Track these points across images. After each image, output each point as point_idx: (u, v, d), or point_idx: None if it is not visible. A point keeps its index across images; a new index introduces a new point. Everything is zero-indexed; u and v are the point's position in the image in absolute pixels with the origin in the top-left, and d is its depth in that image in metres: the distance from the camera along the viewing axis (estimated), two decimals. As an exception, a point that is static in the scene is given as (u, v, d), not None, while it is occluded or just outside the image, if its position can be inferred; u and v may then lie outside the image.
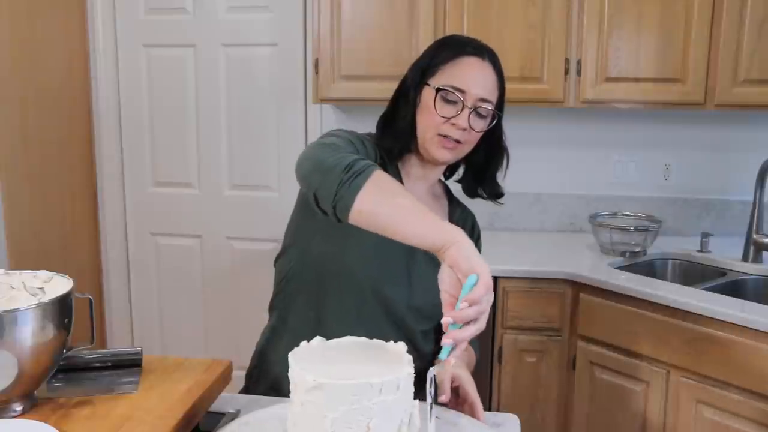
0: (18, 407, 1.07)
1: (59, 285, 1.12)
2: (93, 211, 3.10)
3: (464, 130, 1.32)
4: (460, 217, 1.50)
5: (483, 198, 1.49)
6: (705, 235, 2.47)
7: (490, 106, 1.34)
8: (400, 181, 1.41)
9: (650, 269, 2.46)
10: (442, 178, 1.52)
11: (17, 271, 1.16)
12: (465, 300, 0.97)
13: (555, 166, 2.85)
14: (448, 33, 2.48)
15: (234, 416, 1.21)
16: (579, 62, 2.44)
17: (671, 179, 2.79)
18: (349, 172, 1.10)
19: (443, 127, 1.33)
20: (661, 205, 2.75)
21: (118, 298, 3.18)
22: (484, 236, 1.56)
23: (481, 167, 1.45)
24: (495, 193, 1.48)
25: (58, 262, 2.79)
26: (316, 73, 2.54)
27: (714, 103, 2.38)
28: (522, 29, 2.44)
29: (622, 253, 2.44)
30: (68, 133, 2.92)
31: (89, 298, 1.16)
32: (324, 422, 0.89)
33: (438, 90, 1.33)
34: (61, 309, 1.07)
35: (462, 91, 1.32)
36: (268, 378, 1.44)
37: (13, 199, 2.53)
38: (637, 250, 2.45)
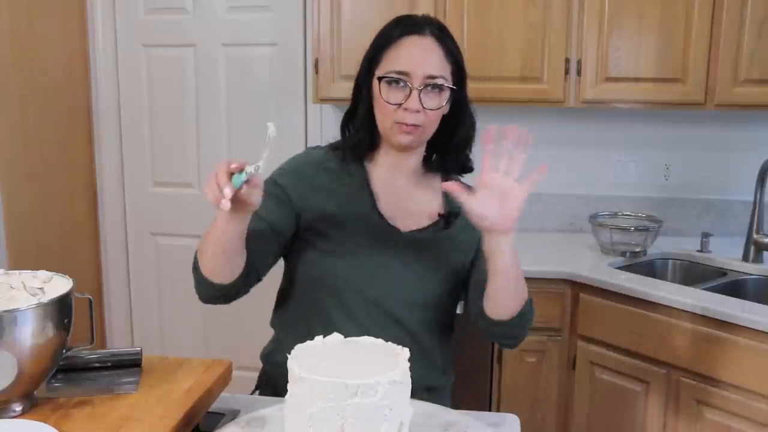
0: (18, 407, 1.07)
1: (59, 285, 1.12)
2: (93, 211, 3.10)
3: (418, 112, 1.29)
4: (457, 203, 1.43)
5: (451, 174, 1.43)
6: (705, 235, 2.47)
7: (441, 81, 1.30)
8: (366, 177, 1.39)
9: (650, 269, 2.45)
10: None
11: (17, 271, 1.16)
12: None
13: (555, 166, 2.84)
14: (448, 33, 2.48)
15: (234, 416, 1.21)
16: (579, 62, 2.44)
17: (671, 179, 2.78)
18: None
19: (397, 115, 1.30)
20: (661, 205, 2.75)
21: (118, 298, 3.18)
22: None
23: (445, 140, 1.40)
24: (462, 167, 1.43)
25: (58, 262, 2.78)
26: (316, 73, 2.54)
27: (714, 103, 2.38)
28: (522, 29, 2.44)
29: (622, 253, 2.44)
30: (68, 133, 2.91)
31: (89, 298, 1.16)
32: (304, 416, 0.91)
33: (381, 79, 1.32)
34: (61, 309, 1.07)
35: (406, 74, 1.30)
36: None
37: (13, 199, 2.52)
38: (637, 250, 2.45)
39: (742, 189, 2.61)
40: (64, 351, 1.11)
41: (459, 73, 1.35)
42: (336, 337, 1.04)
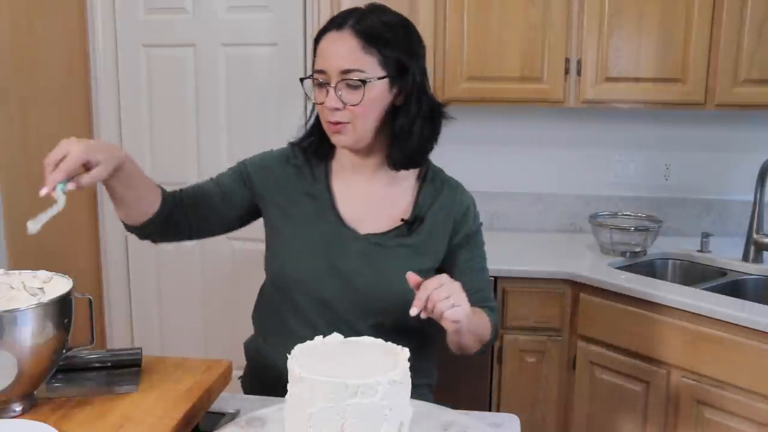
0: (18, 407, 1.07)
1: (59, 285, 1.12)
2: (93, 211, 3.10)
3: (337, 109, 1.27)
4: (430, 195, 1.40)
5: (403, 167, 1.36)
6: (705, 235, 2.47)
7: (358, 75, 1.25)
8: (328, 177, 1.39)
9: (650, 269, 2.45)
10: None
11: (17, 271, 1.16)
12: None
13: (555, 166, 2.85)
14: (448, 33, 2.49)
15: (234, 416, 1.21)
16: (579, 62, 2.44)
17: (671, 179, 2.78)
18: None
19: (325, 114, 1.30)
20: (661, 205, 2.75)
21: (118, 298, 3.17)
22: (484, 236, 1.52)
23: (392, 129, 1.34)
24: (412, 160, 1.35)
25: (58, 262, 2.78)
26: (316, 73, 2.55)
27: (714, 103, 2.38)
28: (522, 29, 2.44)
29: (622, 253, 2.44)
30: (68, 133, 2.88)
31: (89, 299, 1.16)
32: (304, 416, 0.91)
33: (303, 80, 1.33)
34: (61, 309, 1.07)
35: (322, 72, 1.28)
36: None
37: (13, 199, 2.52)
38: (637, 250, 2.45)
39: (742, 189, 2.61)
40: (64, 351, 1.11)
41: (396, 62, 1.28)
42: (336, 337, 1.04)
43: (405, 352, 0.99)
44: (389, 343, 1.03)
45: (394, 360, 0.97)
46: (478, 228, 1.45)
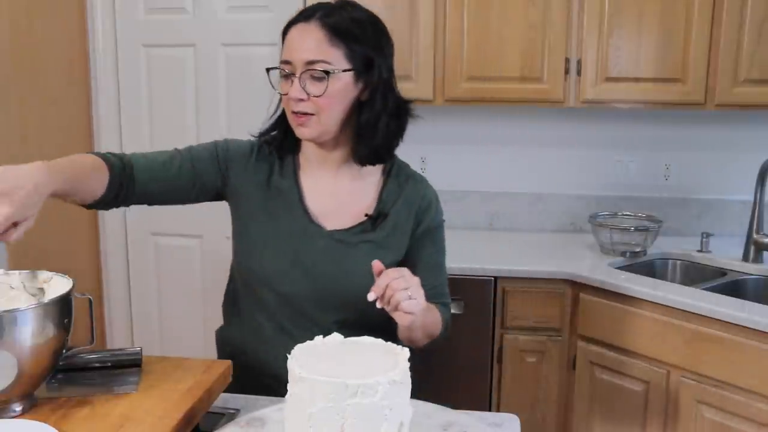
0: (18, 407, 1.07)
1: (59, 285, 1.12)
2: (93, 211, 3.10)
3: (301, 100, 1.28)
4: (395, 191, 1.40)
5: (368, 163, 1.37)
6: (705, 235, 2.47)
7: (323, 66, 1.26)
8: (296, 172, 1.40)
9: (650, 269, 2.45)
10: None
11: (17, 271, 1.16)
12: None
13: (555, 166, 2.85)
14: (449, 33, 2.49)
15: (234, 416, 1.21)
16: (579, 62, 2.44)
17: (671, 179, 2.78)
18: None
19: (289, 105, 1.31)
20: (661, 205, 2.75)
21: (118, 298, 3.17)
22: (484, 236, 1.54)
23: (357, 124, 1.34)
24: (377, 156, 1.36)
25: (58, 262, 2.78)
26: (316, 73, 2.55)
27: (714, 103, 2.38)
28: (522, 29, 2.44)
29: (622, 253, 2.44)
30: (68, 133, 2.91)
31: (89, 299, 1.15)
32: (304, 416, 0.91)
33: (269, 71, 1.33)
34: (61, 309, 1.07)
35: (288, 63, 1.29)
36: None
37: (13, 199, 2.52)
38: (637, 250, 2.45)
39: (742, 189, 2.61)
40: (64, 351, 1.11)
41: (362, 56, 1.29)
42: (336, 337, 1.04)
43: (405, 352, 0.99)
44: (389, 343, 1.03)
45: (394, 360, 0.97)
46: (440, 223, 1.45)
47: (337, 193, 1.39)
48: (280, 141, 1.41)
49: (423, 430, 1.07)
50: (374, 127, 1.33)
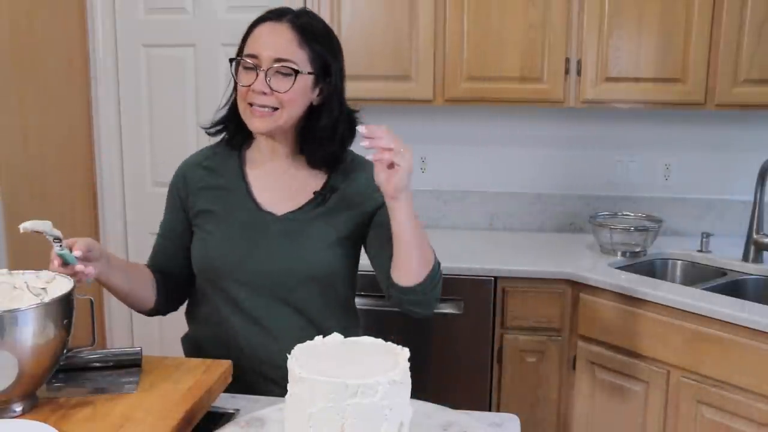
0: (18, 407, 1.07)
1: (62, 285, 1.13)
2: (93, 211, 3.10)
3: (265, 93, 1.31)
4: (342, 172, 1.43)
5: (320, 164, 1.41)
6: (705, 235, 2.47)
7: (291, 65, 1.31)
8: (242, 168, 1.44)
9: (650, 269, 2.46)
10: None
11: (20, 272, 1.16)
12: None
13: (555, 166, 2.85)
14: (449, 34, 2.49)
15: (234, 416, 1.21)
16: (579, 62, 2.44)
17: (671, 179, 2.78)
18: None
19: (248, 96, 1.34)
20: (661, 205, 2.75)
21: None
22: (484, 236, 1.54)
23: (310, 127, 1.40)
24: (327, 160, 1.41)
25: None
26: (316, 73, 2.54)
27: (714, 103, 2.38)
28: (522, 29, 2.44)
29: (622, 253, 2.44)
30: (68, 133, 2.91)
31: (90, 299, 1.16)
32: (304, 416, 0.91)
33: (232, 61, 1.36)
34: (62, 309, 1.07)
35: (254, 56, 1.33)
36: None
37: (13, 199, 2.52)
38: (637, 250, 2.45)
39: (742, 189, 2.61)
40: (64, 351, 1.11)
41: (322, 62, 1.36)
42: (336, 337, 1.04)
43: (405, 352, 0.99)
44: (389, 343, 1.03)
45: (394, 360, 0.97)
46: None
47: (285, 181, 1.43)
48: (231, 135, 1.46)
49: (423, 430, 1.07)
50: (332, 132, 1.39)
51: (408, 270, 1.30)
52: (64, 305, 1.07)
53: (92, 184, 3.08)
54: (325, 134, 1.38)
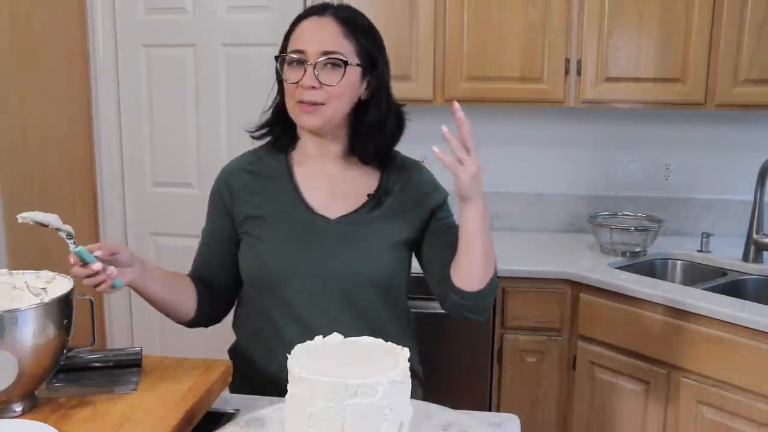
0: (18, 407, 1.07)
1: (62, 285, 1.13)
2: (93, 211, 3.10)
3: (314, 88, 1.29)
4: (394, 181, 1.41)
5: (372, 158, 1.39)
6: (705, 235, 2.47)
7: (339, 56, 1.30)
8: (290, 171, 1.41)
9: (650, 269, 2.45)
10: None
11: (20, 271, 1.16)
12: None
13: (555, 166, 2.85)
14: (448, 32, 2.49)
15: (234, 416, 1.21)
16: (579, 62, 2.44)
17: (671, 179, 2.78)
18: None
19: (297, 93, 1.31)
20: (661, 205, 2.75)
21: (118, 298, 3.17)
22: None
23: (359, 122, 1.38)
24: (377, 155, 1.39)
25: (58, 262, 2.77)
26: (316, 73, 2.55)
27: (714, 103, 2.38)
28: (522, 29, 2.44)
29: (622, 253, 2.44)
30: (68, 133, 2.91)
31: (90, 299, 1.16)
32: (304, 416, 0.91)
33: (277, 58, 1.35)
34: (62, 309, 1.07)
35: (300, 52, 1.31)
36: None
37: (13, 199, 2.52)
38: (637, 250, 2.45)
39: (742, 189, 2.61)
40: (64, 351, 1.11)
41: (368, 55, 1.34)
42: (336, 337, 1.04)
43: (405, 352, 0.99)
44: (389, 343, 1.03)
45: (394, 360, 0.97)
46: (445, 197, 1.46)
47: (336, 182, 1.40)
48: (277, 137, 1.42)
49: (423, 430, 1.07)
50: (381, 127, 1.37)
51: (471, 275, 1.29)
52: (64, 305, 1.07)
53: (92, 184, 3.08)
54: (374, 129, 1.36)
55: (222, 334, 3.35)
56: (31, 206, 1.13)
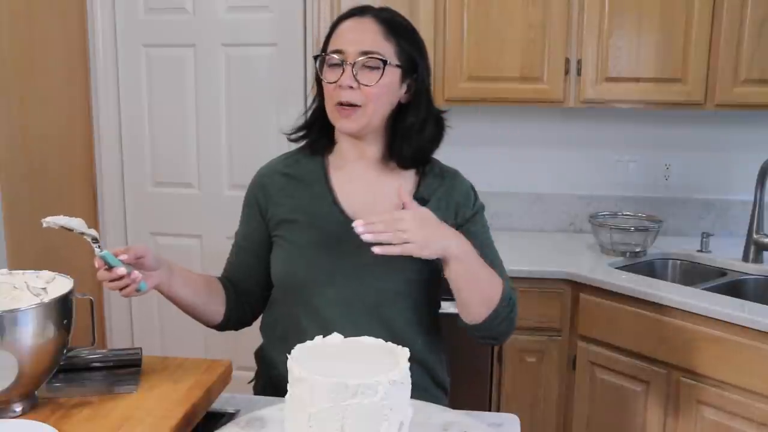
0: (18, 407, 1.07)
1: (62, 285, 1.13)
2: (93, 211, 3.10)
3: (352, 88, 1.28)
4: (431, 188, 1.40)
5: (410, 162, 1.38)
6: (705, 235, 2.47)
7: (378, 56, 1.28)
8: (326, 176, 1.39)
9: (650, 269, 2.46)
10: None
11: (20, 271, 1.16)
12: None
13: (555, 166, 2.85)
14: (449, 33, 2.49)
15: (234, 416, 1.21)
16: (579, 62, 2.44)
17: (671, 179, 2.78)
18: None
19: (335, 94, 1.30)
20: (661, 205, 2.75)
21: (118, 298, 3.17)
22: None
23: (397, 126, 1.36)
24: (416, 158, 1.38)
25: (59, 262, 2.77)
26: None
27: (714, 103, 2.38)
28: (522, 29, 2.44)
29: (622, 253, 2.44)
30: (68, 133, 2.91)
31: (90, 299, 1.16)
32: (304, 416, 0.91)
33: (316, 58, 1.33)
34: (62, 309, 1.07)
35: (340, 52, 1.30)
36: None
37: (13, 199, 2.52)
38: (637, 250, 2.45)
39: (742, 189, 2.61)
40: (64, 351, 1.11)
41: (409, 57, 1.33)
42: (336, 337, 1.04)
43: (405, 352, 0.99)
44: (389, 343, 1.03)
45: (394, 360, 0.97)
46: (480, 208, 1.46)
47: (373, 189, 1.38)
48: (314, 140, 1.41)
49: (423, 430, 1.07)
50: (420, 131, 1.36)
51: (467, 311, 1.30)
52: (64, 305, 1.07)
53: (92, 184, 3.08)
54: (412, 132, 1.35)
55: (222, 335, 3.35)
56: (31, 206, 1.13)
